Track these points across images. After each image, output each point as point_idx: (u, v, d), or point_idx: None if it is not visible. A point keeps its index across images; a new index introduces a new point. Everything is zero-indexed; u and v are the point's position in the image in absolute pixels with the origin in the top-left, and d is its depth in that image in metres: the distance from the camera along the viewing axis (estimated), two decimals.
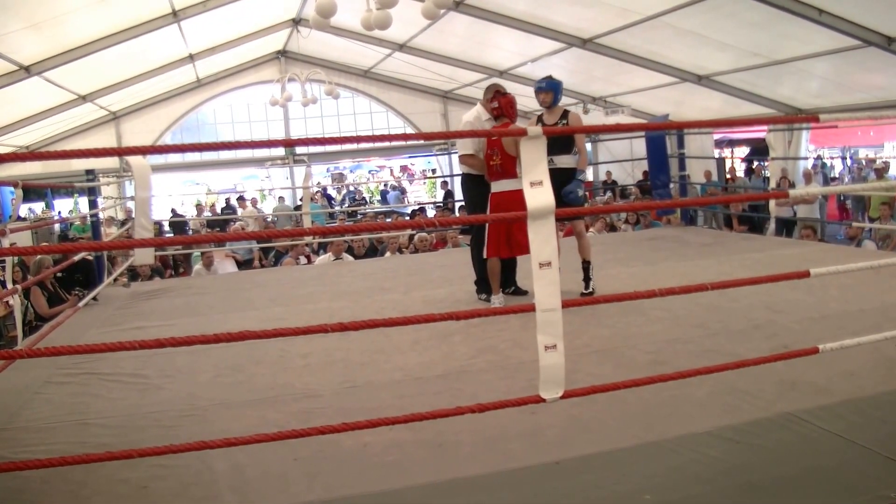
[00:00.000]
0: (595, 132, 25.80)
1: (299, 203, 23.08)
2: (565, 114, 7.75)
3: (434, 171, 33.32)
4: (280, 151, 29.62)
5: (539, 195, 3.58)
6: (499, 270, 7.67)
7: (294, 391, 5.36)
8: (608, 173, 27.07)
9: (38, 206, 26.79)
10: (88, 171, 10.15)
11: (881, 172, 20.29)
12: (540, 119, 7.78)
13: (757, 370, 4.61)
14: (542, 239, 3.61)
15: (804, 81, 17.94)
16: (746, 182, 21.33)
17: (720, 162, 25.00)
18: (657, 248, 11.14)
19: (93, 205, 10.24)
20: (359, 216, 23.99)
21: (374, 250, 15.15)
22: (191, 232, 21.76)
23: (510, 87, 8.08)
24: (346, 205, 29.20)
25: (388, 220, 20.74)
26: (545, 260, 3.61)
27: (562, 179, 7.35)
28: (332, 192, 30.51)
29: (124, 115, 27.07)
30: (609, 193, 24.35)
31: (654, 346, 5.93)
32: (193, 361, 6.19)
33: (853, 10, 13.74)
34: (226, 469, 4.08)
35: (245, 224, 20.42)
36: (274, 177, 30.71)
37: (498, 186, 7.35)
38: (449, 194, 27.77)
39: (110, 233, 17.33)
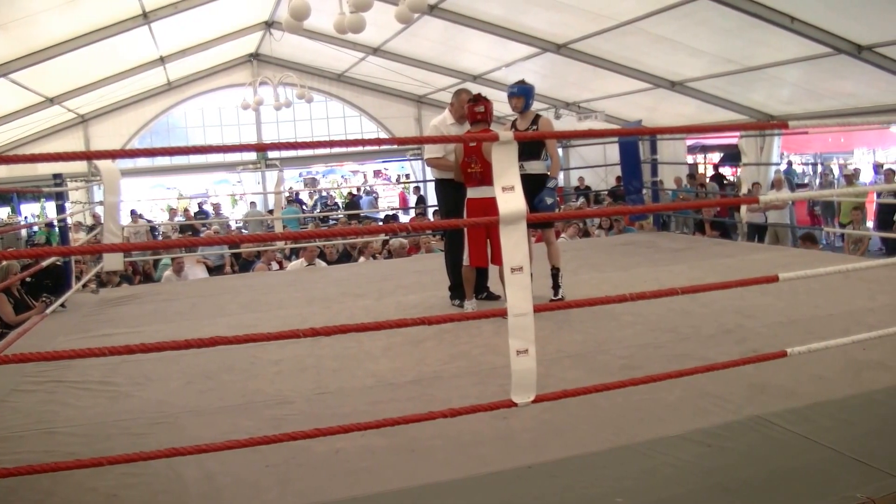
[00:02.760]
0: (567, 137, 26.00)
1: (272, 208, 22.97)
2: (536, 119, 7.73)
3: (408, 175, 33.06)
4: (252, 156, 29.47)
5: (510, 200, 3.61)
6: (473, 277, 7.68)
7: (266, 397, 5.35)
8: (581, 179, 26.87)
9: (4, 212, 26.46)
10: (56, 176, 10.04)
11: (851, 178, 20.53)
12: (514, 125, 7.79)
13: (727, 374, 4.64)
14: (514, 244, 3.63)
15: (776, 88, 18.01)
16: (715, 188, 21.22)
17: (692, 167, 25.19)
18: (630, 253, 11.15)
19: (60, 210, 10.09)
20: (331, 221, 23.72)
21: (346, 256, 15.14)
22: (160, 237, 21.87)
23: (484, 92, 8.07)
24: (318, 210, 28.85)
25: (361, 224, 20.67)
26: (517, 265, 3.63)
27: (533, 186, 7.29)
28: (304, 197, 30.16)
29: (93, 119, 26.80)
30: (582, 199, 24.25)
31: (625, 351, 5.95)
32: (163, 368, 6.15)
33: (824, 17, 13.80)
34: (197, 477, 4.07)
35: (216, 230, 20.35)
36: (245, 181, 30.56)
37: (475, 193, 7.29)
38: (421, 200, 27.57)
39: (78, 238, 17.19)
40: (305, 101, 24.50)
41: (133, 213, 25.28)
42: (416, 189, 29.48)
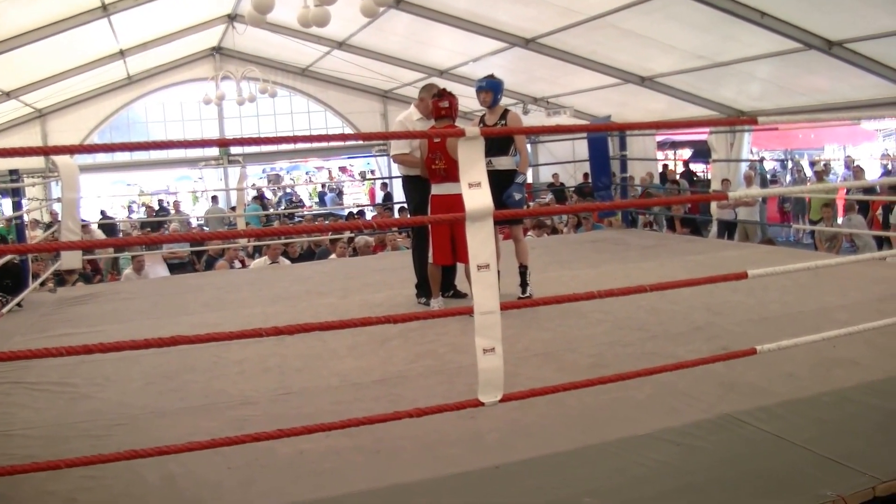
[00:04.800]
0: (535, 133, 25.87)
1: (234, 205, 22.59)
2: (505, 114, 7.69)
3: (373, 172, 32.94)
4: (214, 152, 29.29)
5: (477, 196, 3.60)
6: (439, 275, 7.68)
7: (228, 398, 5.30)
8: (555, 176, 27.09)
9: None
10: (12, 172, 9.95)
11: (821, 175, 20.65)
12: (482, 120, 7.75)
13: (697, 372, 4.68)
14: (480, 241, 3.63)
15: (746, 84, 18.10)
16: (685, 185, 21.23)
17: (663, 166, 25.61)
18: (599, 250, 11.14)
19: (17, 206, 9.96)
20: (296, 219, 23.70)
21: (311, 253, 15.02)
22: (121, 234, 21.62)
23: (452, 87, 8.03)
24: (283, 207, 28.80)
25: (326, 222, 20.25)
26: (483, 262, 3.63)
27: (501, 182, 7.26)
28: (268, 194, 30.00)
29: (51, 113, 26.61)
30: (551, 196, 24.15)
31: (594, 349, 5.95)
32: (123, 369, 6.08)
33: (795, 13, 13.88)
34: (157, 479, 4.02)
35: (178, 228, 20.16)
36: (207, 178, 30.24)
37: (440, 189, 7.29)
38: (388, 196, 27.41)
39: (35, 236, 16.98)
40: (269, 96, 24.43)
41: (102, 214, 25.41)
42: (384, 185, 29.23)
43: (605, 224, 15.24)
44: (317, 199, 32.72)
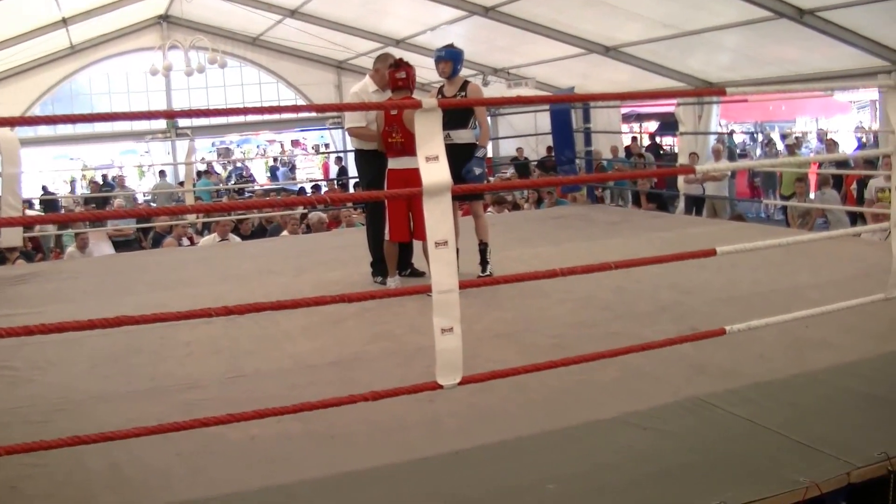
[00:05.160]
0: (496, 105, 25.86)
1: (182, 180, 22.31)
2: (464, 85, 7.67)
3: (327, 145, 32.79)
4: (161, 124, 28.98)
5: (434, 171, 3.62)
6: (396, 253, 7.68)
7: (176, 381, 5.25)
8: (519, 150, 26.26)
9: None
10: None
11: (793, 148, 20.64)
12: (441, 91, 7.75)
13: (664, 353, 4.63)
14: (438, 217, 3.65)
15: (715, 54, 18.05)
16: (651, 159, 21.13)
17: (632, 139, 25.72)
18: (562, 226, 11.15)
19: None
20: (247, 194, 23.26)
21: (262, 230, 14.93)
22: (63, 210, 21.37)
23: (408, 57, 7.94)
24: (232, 183, 28.31)
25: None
26: (441, 239, 3.64)
27: (460, 156, 7.22)
28: (218, 168, 29.77)
29: None
30: (512, 171, 24.18)
31: (557, 330, 5.95)
32: (66, 351, 6.01)
33: None
34: (102, 467, 3.98)
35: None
36: (154, 152, 29.92)
37: (397, 163, 7.28)
38: (343, 171, 27.29)
39: None
40: (218, 67, 24.13)
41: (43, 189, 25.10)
42: (338, 160, 29.13)
43: (568, 199, 15.20)
44: (268, 174, 32.47)
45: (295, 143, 34.18)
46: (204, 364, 5.64)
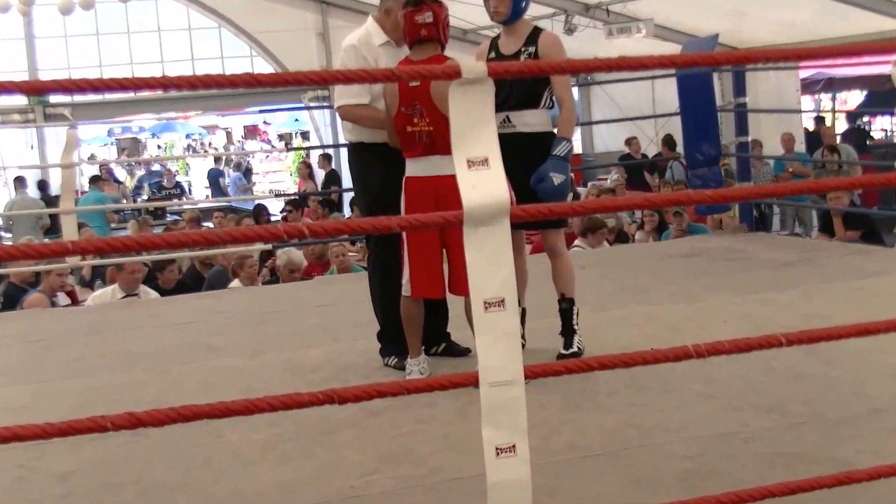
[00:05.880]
0: (587, 71, 23.10)
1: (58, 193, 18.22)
2: (534, 36, 6.86)
3: (305, 134, 28.83)
4: (19, 101, 24.21)
5: (483, 182, 3.36)
6: (421, 316, 6.74)
7: None
8: (632, 142, 21.99)
9: None
10: None
11: None
12: (495, 46, 6.96)
13: (877, 490, 4.13)
14: (489, 258, 3.40)
15: None
16: (851, 153, 18.51)
17: (816, 120, 21.53)
18: (698, 270, 10.33)
19: None
20: (169, 217, 20.29)
21: (196, 280, 13.20)
22: None
23: None
24: (145, 198, 24.88)
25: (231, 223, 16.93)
26: (494, 296, 3.39)
27: (527, 155, 6.59)
28: (119, 172, 25.73)
29: None
30: (615, 175, 20.45)
31: (691, 447, 5.39)
32: None
33: None
34: None
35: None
36: (6, 145, 24.39)
37: (419, 168, 6.42)
38: (333, 177, 22.80)
39: None
40: (120, 0, 21.36)
41: None
42: (325, 159, 23.49)
43: (709, 225, 13.69)
44: (208, 183, 28.38)
45: (251, 130, 33.25)
46: None
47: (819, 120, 21.58)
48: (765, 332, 3.94)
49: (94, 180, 21.22)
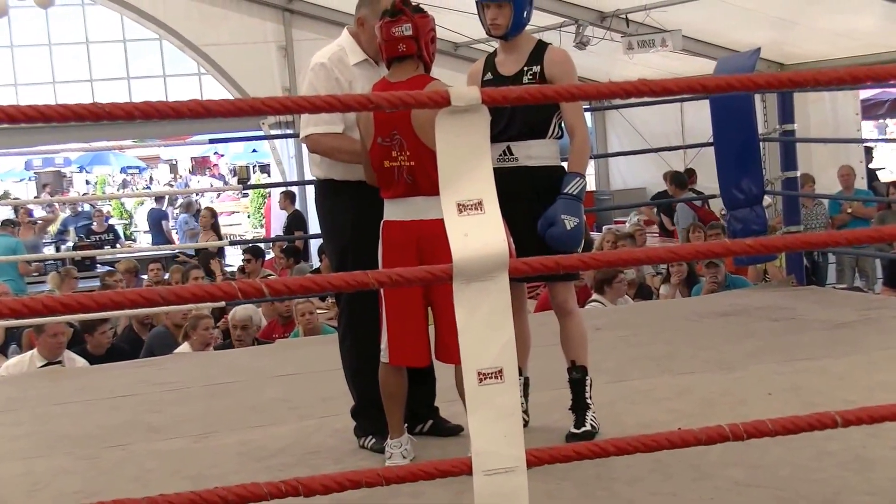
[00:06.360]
0: (599, 97, 20.47)
1: None
2: (538, 53, 6.74)
3: (265, 168, 28.10)
4: None
5: (475, 231, 3.45)
6: (404, 389, 6.57)
7: None
8: (672, 178, 19.99)
9: None
10: None
11: None
12: (492, 63, 6.81)
13: None
14: (483, 321, 3.47)
15: None
16: None
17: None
18: (737, 333, 10.06)
19: None
20: (100, 269, 19.38)
21: (134, 344, 12.83)
22: None
23: None
24: (70, 245, 23.93)
25: (166, 275, 16.80)
26: (490, 366, 3.48)
27: (532, 192, 6.52)
28: (38, 214, 24.19)
29: None
30: (637, 216, 19.60)
31: None
32: None
33: None
34: None
35: None
36: None
37: (399, 210, 6.27)
38: (298, 220, 22.58)
39: None
40: (37, 6, 20.17)
41: None
42: (288, 197, 23.37)
43: (750, 278, 13.30)
44: (149, 226, 26.65)
45: (200, 162, 33.12)
46: None
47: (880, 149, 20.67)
48: (818, 408, 4.07)
49: (5, 224, 20.58)
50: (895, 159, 23.69)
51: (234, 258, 21.81)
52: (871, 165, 19.58)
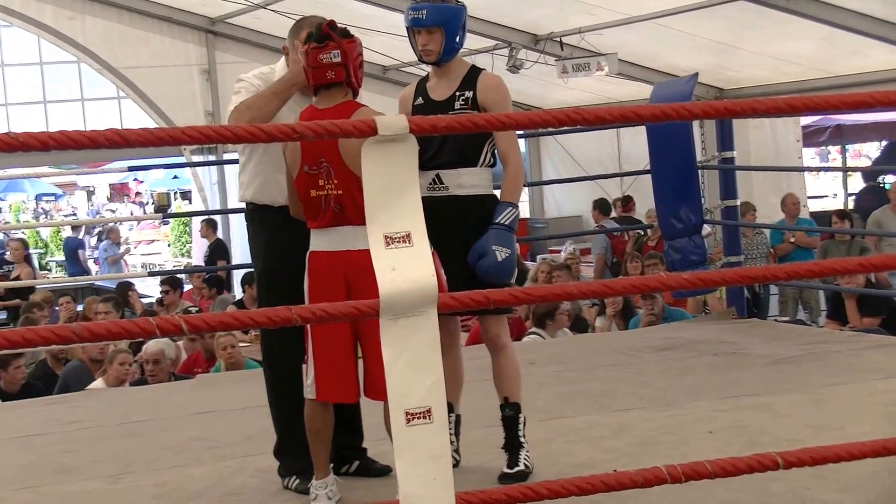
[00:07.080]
0: (532, 127, 22.21)
1: None
2: (471, 78, 6.65)
3: (186, 194, 27.72)
4: None
5: (403, 265, 3.43)
6: (329, 426, 6.41)
7: None
8: (626, 202, 20.52)
9: None
10: None
11: None
12: (423, 88, 6.72)
13: None
14: (411, 361, 3.47)
15: None
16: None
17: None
18: (676, 369, 9.98)
19: None
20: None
21: (48, 378, 12.46)
22: None
23: (356, 19, 7.08)
24: None
25: (80, 307, 16.25)
26: (418, 406, 3.48)
27: (464, 223, 6.43)
28: None
29: None
30: (572, 248, 19.67)
31: None
32: None
33: None
34: None
35: None
36: None
37: (325, 241, 6.13)
38: (220, 249, 22.24)
39: None
40: None
41: None
42: (209, 225, 22.86)
43: (689, 309, 12.97)
44: (65, 256, 26.09)
45: (119, 189, 32.79)
46: None
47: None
48: (761, 447, 4.14)
49: None
50: (836, 187, 23.49)
51: (151, 289, 21.46)
52: (808, 194, 19.06)
